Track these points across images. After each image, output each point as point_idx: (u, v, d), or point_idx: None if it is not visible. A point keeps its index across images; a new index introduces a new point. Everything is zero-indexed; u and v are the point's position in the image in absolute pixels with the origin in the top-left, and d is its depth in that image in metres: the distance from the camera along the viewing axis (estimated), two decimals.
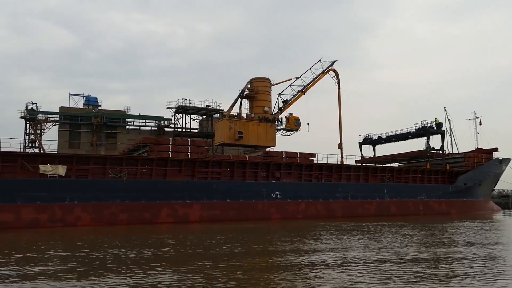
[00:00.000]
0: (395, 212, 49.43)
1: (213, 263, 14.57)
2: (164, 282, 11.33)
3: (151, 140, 41.02)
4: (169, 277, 12.06)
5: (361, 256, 16.02)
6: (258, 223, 37.53)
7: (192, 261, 15.00)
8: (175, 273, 12.68)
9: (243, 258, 15.71)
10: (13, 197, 32.71)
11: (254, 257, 16.22)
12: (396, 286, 10.71)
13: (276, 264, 14.54)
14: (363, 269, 13.25)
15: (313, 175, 46.57)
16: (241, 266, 13.94)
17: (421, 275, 12.21)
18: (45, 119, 72.90)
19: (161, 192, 37.79)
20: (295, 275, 12.42)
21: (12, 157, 34.24)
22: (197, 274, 12.44)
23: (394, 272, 12.56)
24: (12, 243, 23.13)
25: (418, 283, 11.09)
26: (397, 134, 61.26)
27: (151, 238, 24.63)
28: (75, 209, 34.52)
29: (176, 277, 11.97)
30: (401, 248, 18.45)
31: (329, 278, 11.73)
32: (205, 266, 13.99)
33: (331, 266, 13.85)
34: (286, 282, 11.45)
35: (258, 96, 59.37)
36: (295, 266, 13.95)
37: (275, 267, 13.95)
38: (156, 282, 11.35)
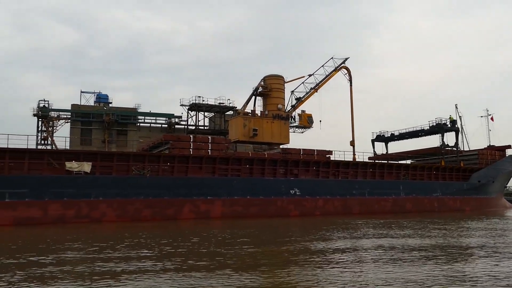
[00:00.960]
0: (411, 209, 49.78)
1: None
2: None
3: (173, 138, 41.45)
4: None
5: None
6: (279, 219, 37.96)
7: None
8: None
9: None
10: (41, 194, 33.19)
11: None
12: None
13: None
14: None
15: (330, 172, 46.94)
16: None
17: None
18: (57, 116, 73.44)
19: (183, 189, 38.23)
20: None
21: (39, 154, 34.77)
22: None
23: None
24: (95, 236, 23.48)
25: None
26: (410, 131, 61.51)
27: (213, 233, 25.05)
28: (100, 205, 35.00)
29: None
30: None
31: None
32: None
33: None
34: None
35: (271, 94, 59.64)
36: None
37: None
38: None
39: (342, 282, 11.09)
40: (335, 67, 65.09)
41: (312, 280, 11.35)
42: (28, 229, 28.92)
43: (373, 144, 65.95)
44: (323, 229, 27.46)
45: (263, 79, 60.87)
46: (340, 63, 65.72)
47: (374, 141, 65.91)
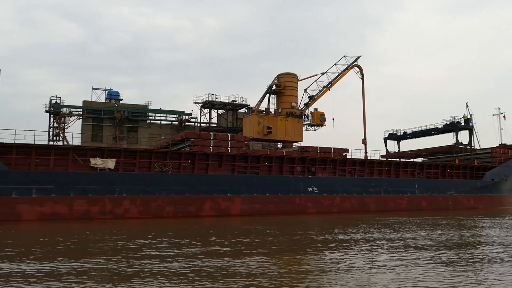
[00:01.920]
0: (426, 206, 50.12)
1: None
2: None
3: (194, 135, 41.79)
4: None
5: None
6: (300, 217, 38.32)
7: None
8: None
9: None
10: (67, 190, 33.60)
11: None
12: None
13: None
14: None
15: (347, 170, 47.26)
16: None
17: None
18: (69, 113, 73.89)
19: (204, 186, 38.60)
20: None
21: (64, 151, 35.15)
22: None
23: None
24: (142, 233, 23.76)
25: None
26: (423, 130, 61.75)
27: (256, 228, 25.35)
28: (124, 201, 35.40)
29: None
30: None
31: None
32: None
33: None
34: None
35: (285, 92, 59.86)
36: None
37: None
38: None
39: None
40: (348, 65, 65.26)
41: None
42: (80, 224, 29.31)
43: (386, 142, 66.24)
44: (373, 227, 27.47)
45: (276, 77, 61.13)
46: (353, 61, 65.93)
47: (386, 139, 66.18)
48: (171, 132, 78.50)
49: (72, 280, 11.12)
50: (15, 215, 31.60)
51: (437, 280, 11.03)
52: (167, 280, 11.05)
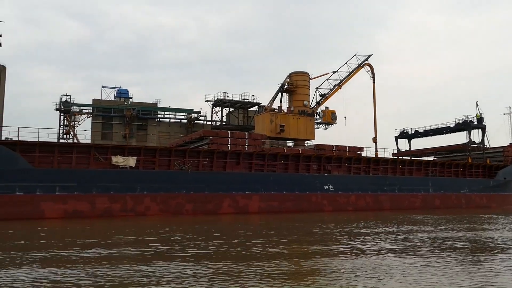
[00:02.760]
0: (439, 205, 50.36)
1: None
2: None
3: (212, 133, 42.05)
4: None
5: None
6: (318, 215, 38.58)
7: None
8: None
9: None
10: (89, 187, 33.91)
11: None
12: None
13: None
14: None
15: (361, 168, 47.50)
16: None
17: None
18: (79, 111, 74.25)
19: (222, 184, 38.89)
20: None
21: (86, 149, 35.44)
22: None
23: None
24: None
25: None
26: (435, 129, 61.99)
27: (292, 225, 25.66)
28: (145, 199, 35.70)
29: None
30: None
31: None
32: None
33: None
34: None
35: (297, 90, 60.01)
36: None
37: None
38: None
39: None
40: (359, 64, 65.42)
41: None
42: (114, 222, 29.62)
43: (397, 140, 66.51)
44: (405, 225, 27.57)
45: (288, 76, 61.30)
46: (364, 60, 66.04)
47: (397, 137, 66.42)
48: (180, 130, 78.84)
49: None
50: (39, 212, 31.92)
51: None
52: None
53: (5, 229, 24.34)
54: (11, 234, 22.76)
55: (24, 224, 27.70)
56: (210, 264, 13.05)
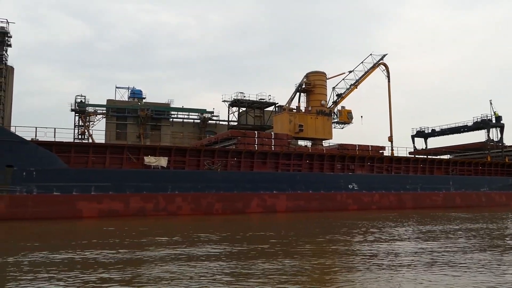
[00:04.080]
0: (460, 203, 50.73)
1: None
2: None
3: (239, 133, 42.49)
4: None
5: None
6: (344, 213, 39.01)
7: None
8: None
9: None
10: (122, 187, 34.38)
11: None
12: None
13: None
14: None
15: (384, 167, 47.91)
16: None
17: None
18: (94, 111, 74.83)
19: (251, 183, 39.33)
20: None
21: (119, 149, 35.92)
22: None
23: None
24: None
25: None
26: (452, 127, 62.38)
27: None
28: (176, 198, 36.14)
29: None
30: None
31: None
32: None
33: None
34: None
35: (315, 90, 60.34)
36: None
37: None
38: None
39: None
40: (374, 63, 65.81)
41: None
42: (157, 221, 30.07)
43: (413, 139, 66.93)
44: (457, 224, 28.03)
45: (306, 76, 61.68)
46: (379, 60, 66.44)
47: (414, 136, 66.81)
48: (194, 130, 79.35)
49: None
50: (76, 212, 32.41)
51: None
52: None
53: (78, 229, 24.84)
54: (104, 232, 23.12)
55: (80, 223, 28.34)
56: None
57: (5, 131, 31.39)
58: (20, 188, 31.19)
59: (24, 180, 31.30)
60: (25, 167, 31.37)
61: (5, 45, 76.49)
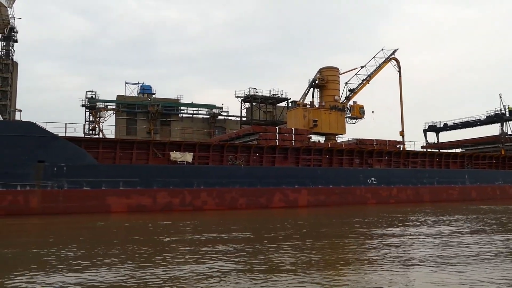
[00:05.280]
0: (475, 197, 51.27)
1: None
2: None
3: (261, 129, 42.89)
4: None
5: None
6: (364, 207, 39.56)
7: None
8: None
9: None
10: (150, 182, 34.80)
11: None
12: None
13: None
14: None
15: (401, 162, 48.37)
16: None
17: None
18: (104, 107, 75.24)
19: (273, 178, 39.78)
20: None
21: (145, 145, 36.34)
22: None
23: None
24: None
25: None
26: (464, 122, 62.84)
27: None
28: (202, 194, 36.59)
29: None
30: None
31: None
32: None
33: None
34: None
35: (328, 85, 60.66)
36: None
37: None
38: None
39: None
40: (385, 58, 66.11)
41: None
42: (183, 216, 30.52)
43: (425, 134, 67.42)
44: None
45: (319, 71, 61.98)
46: (390, 54, 66.73)
47: (425, 131, 67.27)
48: (203, 125, 79.79)
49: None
50: (105, 207, 32.86)
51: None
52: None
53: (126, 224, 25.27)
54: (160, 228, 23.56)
55: (119, 218, 28.72)
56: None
57: (36, 127, 31.71)
58: (51, 183, 31.61)
59: (55, 175, 31.71)
60: (56, 162, 31.77)
61: (11, 41, 76.79)
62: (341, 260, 12.83)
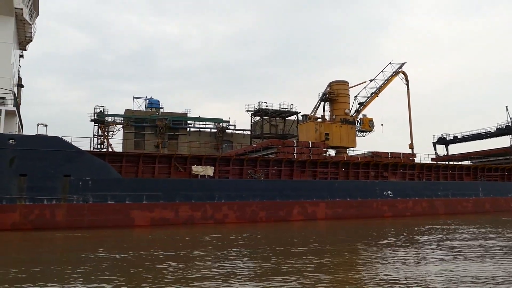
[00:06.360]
0: (489, 209, 51.49)
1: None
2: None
3: (279, 142, 43.31)
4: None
5: None
6: (383, 220, 39.72)
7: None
8: None
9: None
10: (172, 196, 35.02)
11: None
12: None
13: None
14: None
15: (415, 174, 48.70)
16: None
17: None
18: (113, 121, 75.73)
19: (292, 191, 40.04)
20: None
21: (167, 159, 36.66)
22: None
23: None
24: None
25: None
26: (474, 134, 63.36)
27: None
28: (223, 207, 36.79)
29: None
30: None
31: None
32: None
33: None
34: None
35: (338, 99, 61.40)
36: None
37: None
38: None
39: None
40: (393, 72, 67.09)
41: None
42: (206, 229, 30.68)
43: (435, 146, 67.87)
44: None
45: (329, 85, 62.80)
46: (398, 68, 67.79)
47: (435, 143, 67.75)
48: (210, 139, 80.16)
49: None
50: (129, 220, 33.04)
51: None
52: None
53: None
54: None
55: (157, 232, 28.83)
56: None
57: (62, 141, 32.03)
58: (77, 197, 31.84)
59: (81, 189, 31.95)
60: (81, 176, 32.04)
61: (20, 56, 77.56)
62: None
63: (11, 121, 32.45)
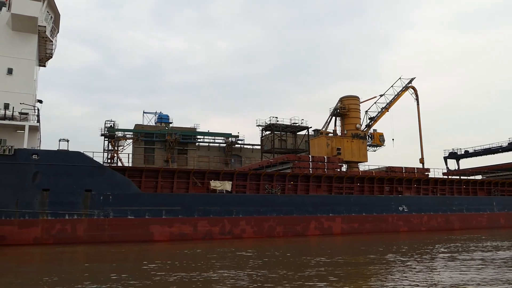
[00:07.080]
0: (504, 223, 51.24)
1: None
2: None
3: (295, 157, 43.51)
4: None
5: None
6: (397, 235, 39.59)
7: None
8: None
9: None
10: (191, 211, 35.13)
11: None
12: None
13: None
14: None
15: (429, 189, 48.68)
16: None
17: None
18: (123, 136, 76.27)
19: (309, 206, 40.09)
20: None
21: (185, 174, 36.86)
22: None
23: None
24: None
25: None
26: (485, 149, 63.44)
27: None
28: (240, 222, 36.84)
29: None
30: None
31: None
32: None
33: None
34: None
35: (349, 114, 61.83)
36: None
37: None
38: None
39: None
40: (403, 87, 67.61)
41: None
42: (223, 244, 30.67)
43: (446, 161, 67.92)
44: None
45: (340, 100, 63.28)
46: (407, 83, 68.33)
47: (446, 158, 67.80)
48: (219, 154, 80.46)
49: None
50: (148, 235, 33.10)
51: None
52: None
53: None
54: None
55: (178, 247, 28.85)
56: None
57: (84, 156, 32.33)
58: (98, 212, 31.99)
59: (102, 204, 32.12)
60: (102, 191, 32.25)
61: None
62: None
63: (33, 136, 32.85)
